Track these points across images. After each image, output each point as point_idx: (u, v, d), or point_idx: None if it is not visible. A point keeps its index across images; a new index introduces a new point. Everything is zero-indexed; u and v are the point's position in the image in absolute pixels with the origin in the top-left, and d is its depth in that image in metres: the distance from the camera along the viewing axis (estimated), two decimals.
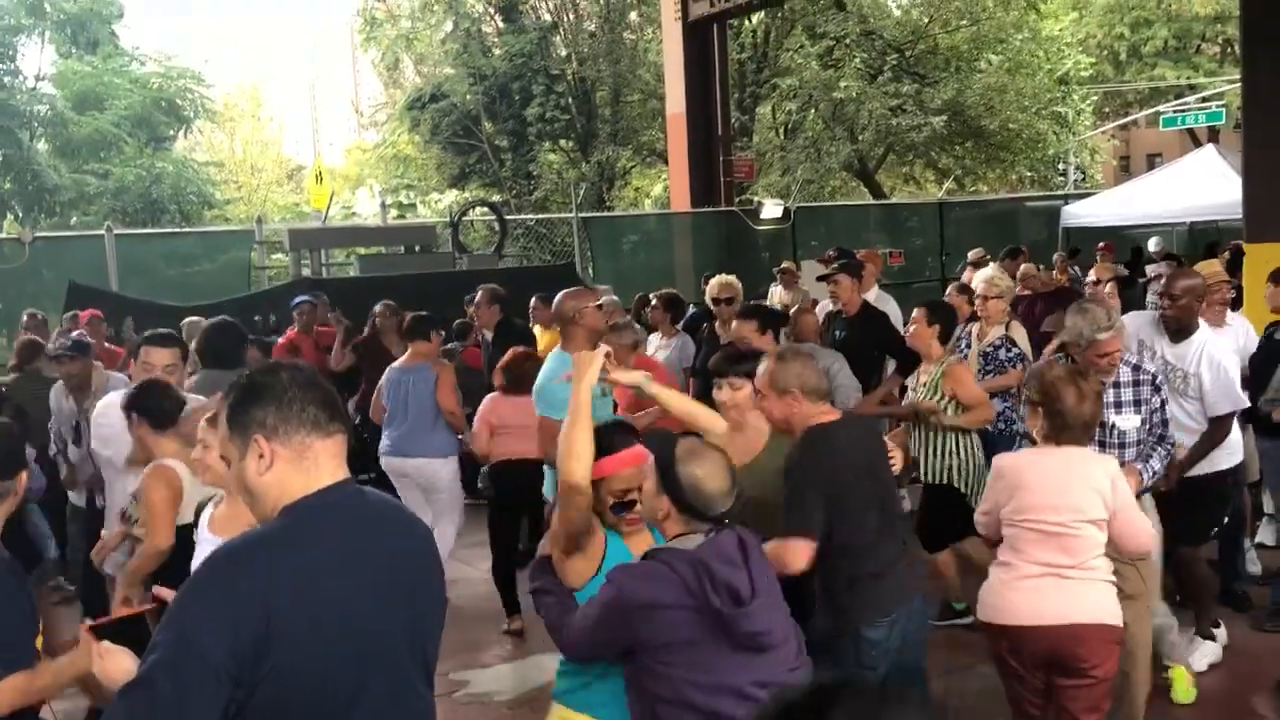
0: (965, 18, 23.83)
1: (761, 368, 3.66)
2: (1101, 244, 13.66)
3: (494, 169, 25.62)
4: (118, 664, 2.09)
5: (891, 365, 6.79)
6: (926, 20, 24.32)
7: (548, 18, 26.18)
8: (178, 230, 19.28)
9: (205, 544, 3.34)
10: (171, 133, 26.84)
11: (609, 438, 3.04)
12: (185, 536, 3.75)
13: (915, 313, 5.61)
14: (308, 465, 1.99)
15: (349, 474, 2.06)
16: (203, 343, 5.58)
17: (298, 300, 9.53)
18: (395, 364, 6.72)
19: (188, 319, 8.79)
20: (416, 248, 12.74)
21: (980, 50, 24.04)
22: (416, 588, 2.10)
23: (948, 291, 8.08)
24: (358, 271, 12.35)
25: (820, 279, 6.75)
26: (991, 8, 23.77)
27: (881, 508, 3.51)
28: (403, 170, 28.88)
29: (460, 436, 6.55)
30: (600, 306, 4.85)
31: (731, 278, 7.46)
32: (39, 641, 2.82)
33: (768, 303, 11.29)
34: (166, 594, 2.27)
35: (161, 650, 1.82)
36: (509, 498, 6.14)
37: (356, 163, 41.34)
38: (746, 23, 23.34)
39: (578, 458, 2.92)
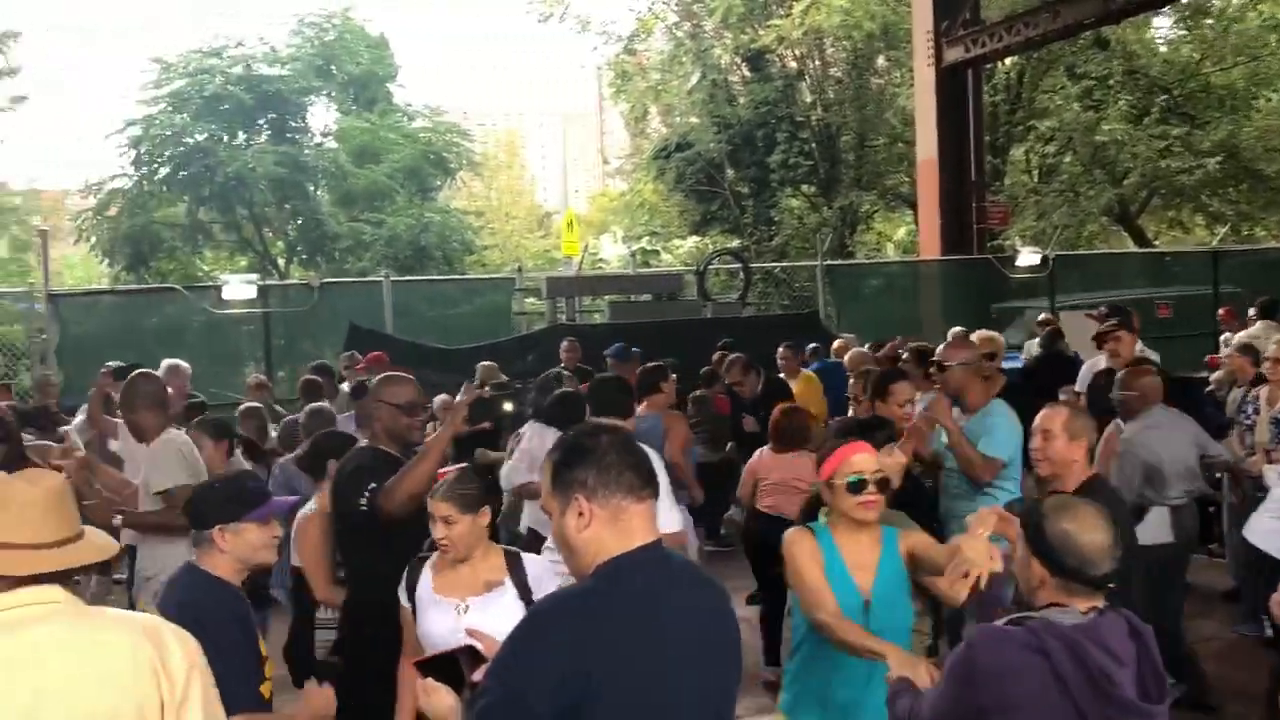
0: (1243, 54, 22.31)
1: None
2: None
3: (735, 215, 25.92)
4: (441, 700, 2.26)
5: None
6: (1198, 58, 22.93)
7: (794, 65, 26.36)
8: (446, 277, 20.47)
9: (430, 605, 3.47)
10: (438, 183, 28.66)
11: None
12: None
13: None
14: (622, 526, 2.09)
15: (658, 536, 2.15)
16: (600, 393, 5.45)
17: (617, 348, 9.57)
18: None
19: (482, 363, 9.34)
20: (664, 295, 13.07)
21: (1258, 89, 22.42)
22: (719, 647, 2.17)
23: (1228, 349, 7.55)
24: (607, 317, 12.76)
25: (1100, 335, 6.44)
26: (1275, 44, 22.16)
27: None
28: (647, 217, 29.67)
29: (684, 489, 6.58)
30: None
31: (994, 334, 7.25)
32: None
33: (1023, 357, 10.90)
34: (480, 634, 2.44)
35: (490, 698, 1.95)
36: (770, 551, 6.16)
37: (601, 209, 42.82)
38: (1000, 65, 22.72)
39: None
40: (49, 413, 7.38)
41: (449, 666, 2.41)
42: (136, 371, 5.17)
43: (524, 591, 3.39)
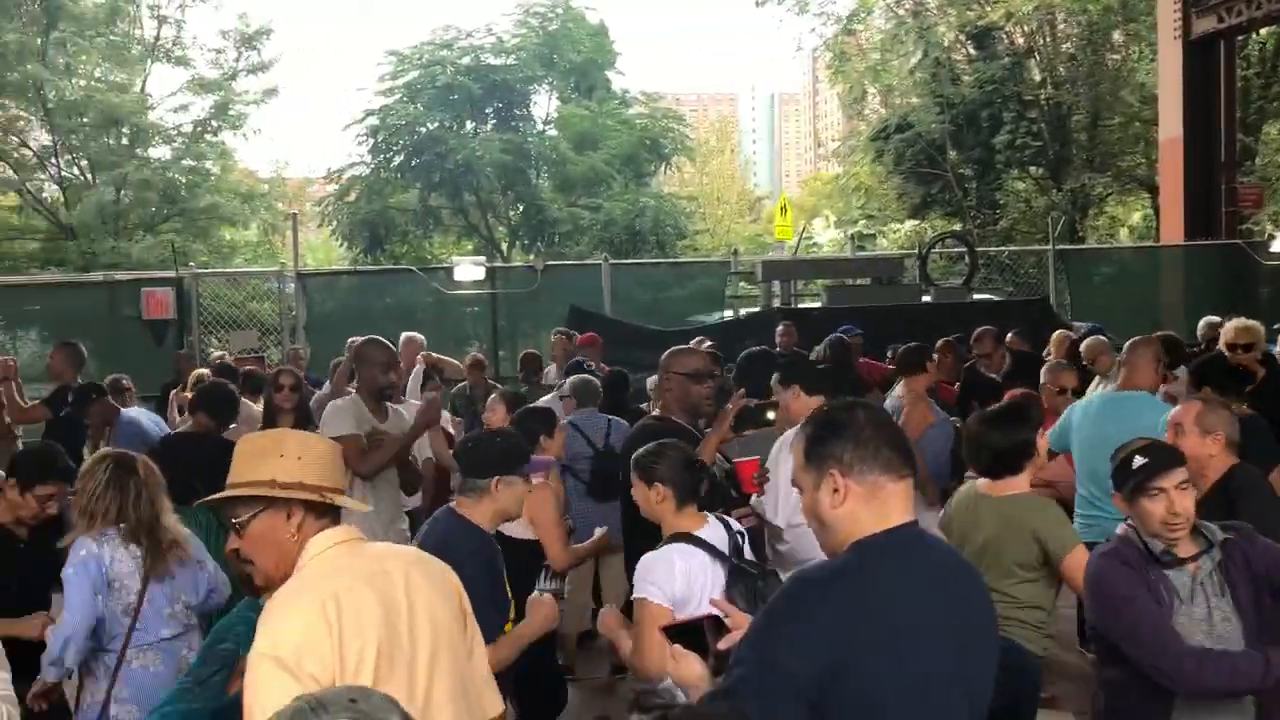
0: None
1: None
2: None
3: (956, 198, 25.10)
4: (690, 668, 2.30)
5: None
6: None
7: (1022, 42, 25.25)
8: (662, 259, 20.73)
9: None
10: (652, 168, 29.03)
11: None
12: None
13: None
14: (878, 505, 2.07)
15: (914, 517, 2.11)
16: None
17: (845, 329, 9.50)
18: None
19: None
20: (883, 279, 12.78)
21: None
22: (976, 631, 2.11)
23: None
24: (825, 302, 12.59)
25: None
26: None
27: None
28: (862, 200, 29.11)
29: None
30: None
31: (1254, 322, 6.72)
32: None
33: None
34: (724, 605, 2.47)
35: (747, 668, 1.97)
36: None
37: (813, 193, 42.31)
38: (1254, 35, 21.03)
39: None
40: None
41: (694, 634, 2.45)
42: (369, 337, 5.42)
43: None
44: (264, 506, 2.29)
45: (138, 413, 7.27)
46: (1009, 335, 9.21)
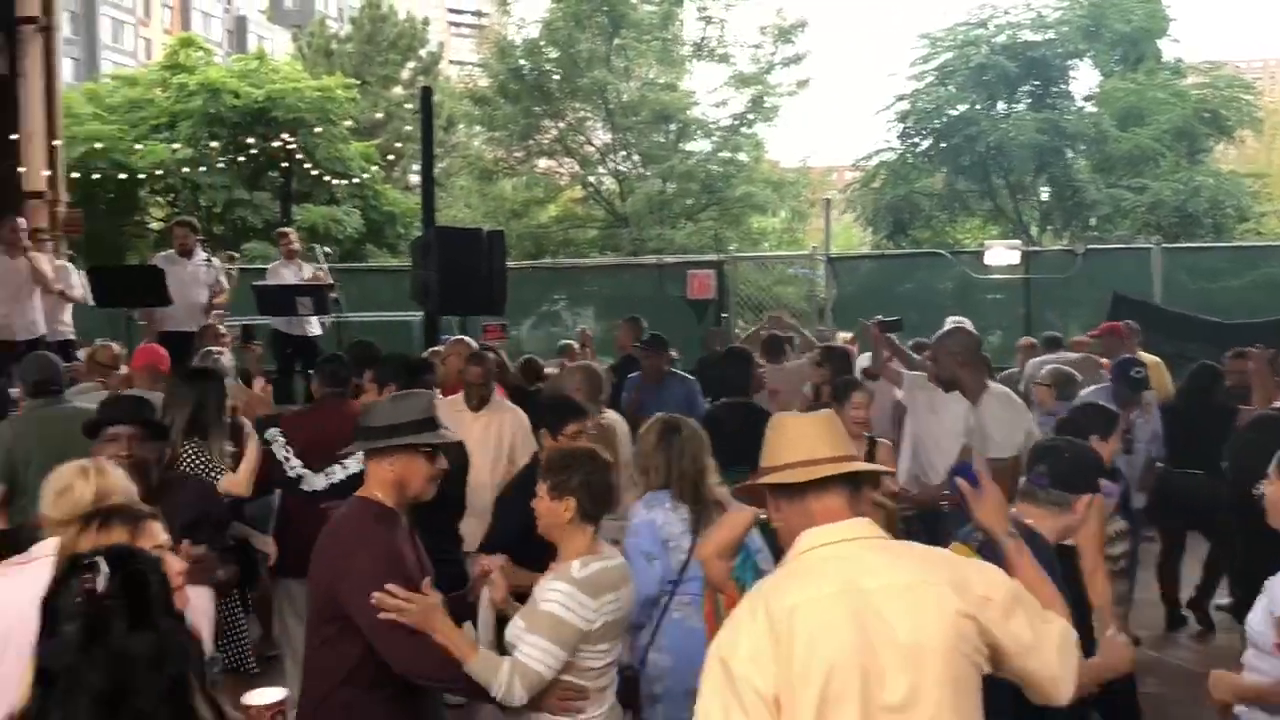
0: None
1: None
2: None
3: None
4: None
5: None
6: None
7: None
8: (1219, 244, 18.56)
9: None
10: (1211, 144, 26.03)
11: None
12: None
13: None
14: None
15: None
16: None
17: None
18: None
19: None
20: None
21: None
22: None
23: None
24: None
25: None
26: None
27: None
28: None
29: None
30: None
31: None
32: None
33: None
34: None
35: None
36: None
37: None
38: None
39: None
40: None
41: None
42: (955, 325, 5.27)
43: None
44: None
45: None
46: None
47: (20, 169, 11.64)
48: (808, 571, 2.12)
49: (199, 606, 3.06)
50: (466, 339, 7.13)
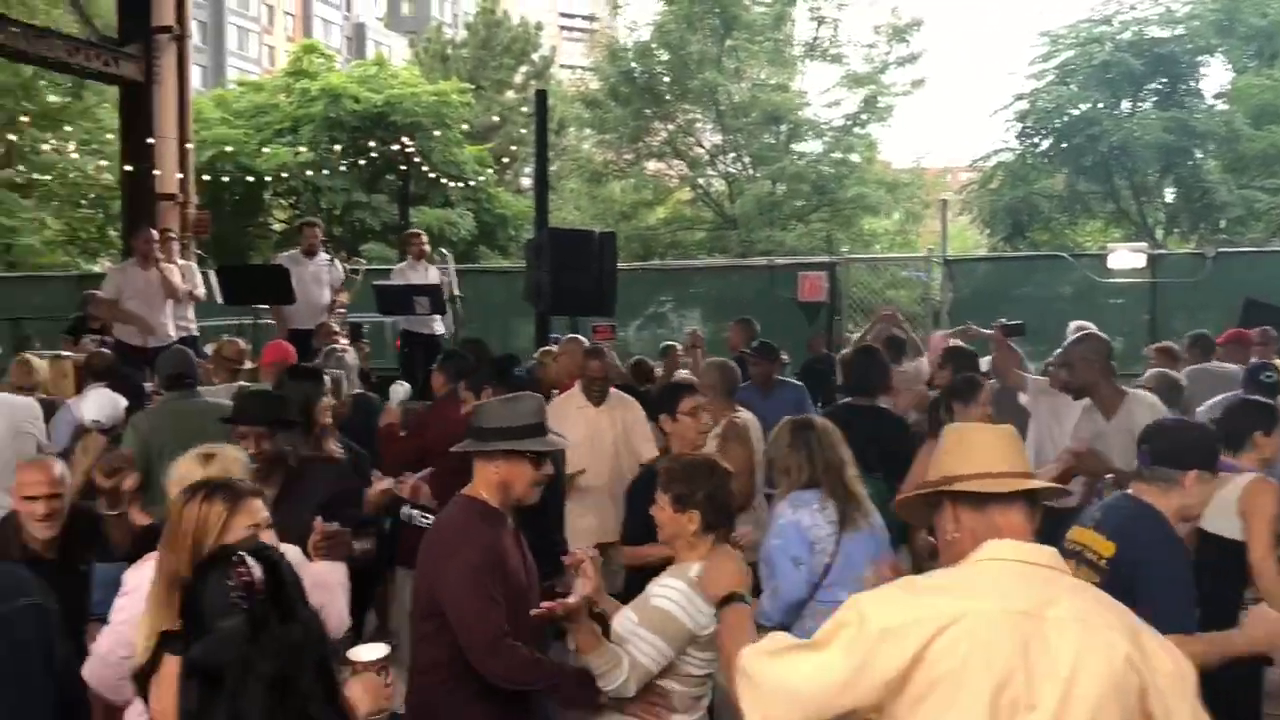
0: None
1: None
2: None
3: None
4: None
5: None
6: None
7: None
8: None
9: None
10: None
11: None
12: None
13: None
14: None
15: None
16: None
17: None
18: None
19: None
20: None
21: None
22: None
23: None
24: None
25: None
26: None
27: None
28: None
29: None
30: None
31: None
32: None
33: None
34: None
35: None
36: None
37: None
38: None
39: None
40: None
41: None
42: (1086, 331, 5.10)
43: None
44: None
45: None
46: None
47: (155, 172, 12.14)
48: (982, 581, 2.04)
49: (334, 580, 3.15)
50: (580, 337, 7.18)
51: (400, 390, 5.87)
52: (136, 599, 2.62)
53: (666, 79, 26.17)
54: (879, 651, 1.92)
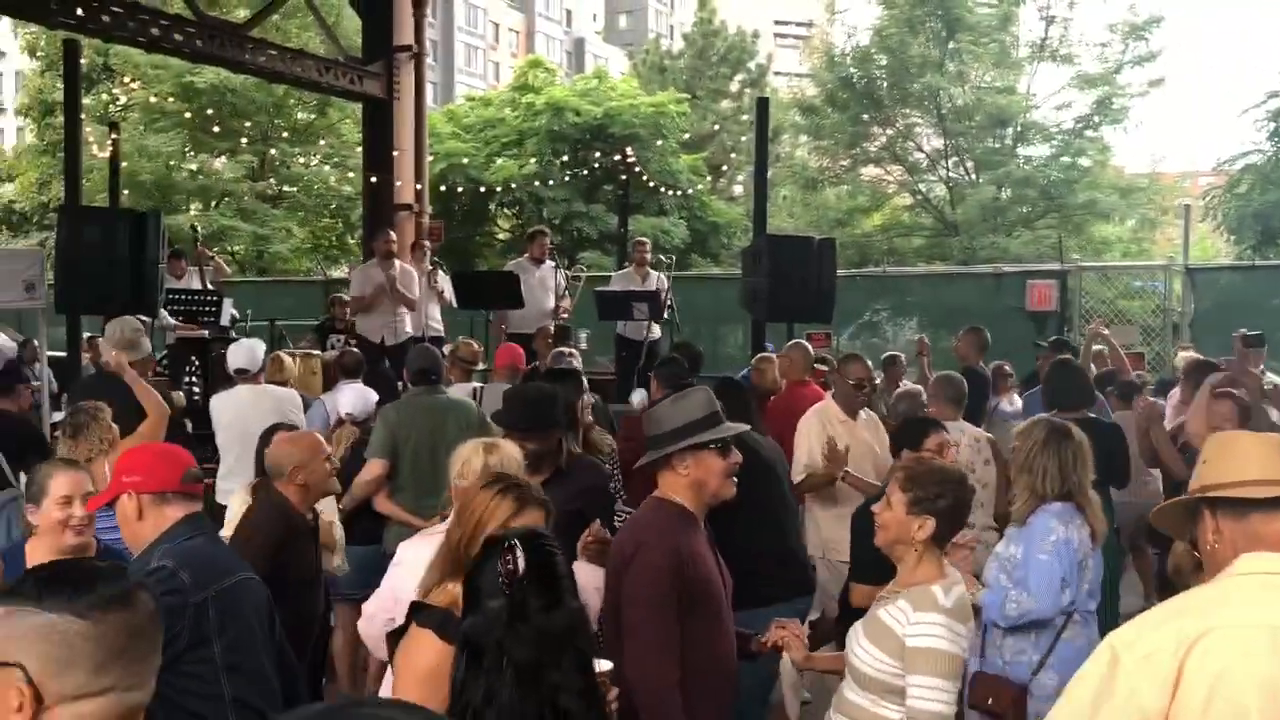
0: None
1: None
2: None
3: None
4: None
5: None
6: None
7: None
8: None
9: None
10: None
11: None
12: None
13: None
14: None
15: None
16: None
17: None
18: None
19: None
20: None
21: None
22: None
23: None
24: None
25: None
26: None
27: None
28: None
29: None
30: None
31: None
32: None
33: None
34: None
35: None
36: None
37: None
38: None
39: None
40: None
41: None
42: None
43: None
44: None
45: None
46: None
47: (396, 182, 12.91)
48: (1241, 596, 1.96)
49: (591, 584, 3.18)
50: (804, 342, 7.15)
51: (638, 397, 6.09)
52: (404, 570, 2.81)
53: (885, 83, 25.70)
54: (1130, 682, 1.89)
